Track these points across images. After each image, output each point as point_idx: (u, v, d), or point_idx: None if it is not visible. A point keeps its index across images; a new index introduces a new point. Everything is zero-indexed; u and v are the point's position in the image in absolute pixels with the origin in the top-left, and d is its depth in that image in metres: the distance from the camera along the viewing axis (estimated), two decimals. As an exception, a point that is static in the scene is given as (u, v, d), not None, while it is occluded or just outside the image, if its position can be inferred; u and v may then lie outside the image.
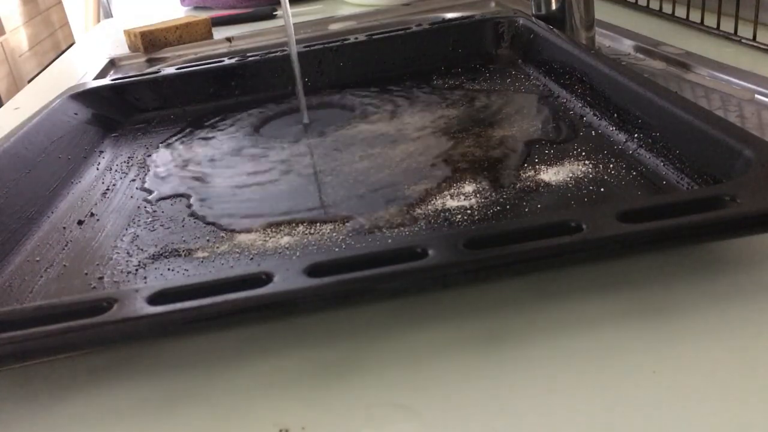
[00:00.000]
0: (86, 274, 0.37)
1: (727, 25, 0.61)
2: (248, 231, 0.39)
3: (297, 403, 0.26)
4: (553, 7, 0.62)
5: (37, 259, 0.39)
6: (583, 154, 0.42)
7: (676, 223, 0.27)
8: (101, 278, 0.36)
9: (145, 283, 0.35)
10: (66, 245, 0.40)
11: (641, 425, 0.23)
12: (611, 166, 0.40)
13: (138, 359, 0.30)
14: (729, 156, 0.34)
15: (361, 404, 0.26)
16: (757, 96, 0.50)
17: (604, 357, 0.26)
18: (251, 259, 0.36)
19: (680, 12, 0.68)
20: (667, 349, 0.26)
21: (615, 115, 0.45)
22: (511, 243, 0.27)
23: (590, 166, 0.41)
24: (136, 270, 0.37)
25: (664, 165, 0.39)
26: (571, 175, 0.40)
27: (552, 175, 0.40)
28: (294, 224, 0.39)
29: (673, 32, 0.66)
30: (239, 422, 0.26)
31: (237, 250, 0.37)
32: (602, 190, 0.38)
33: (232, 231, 0.39)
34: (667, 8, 0.70)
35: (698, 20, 0.64)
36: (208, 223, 0.41)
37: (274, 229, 0.39)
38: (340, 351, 0.29)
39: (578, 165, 0.41)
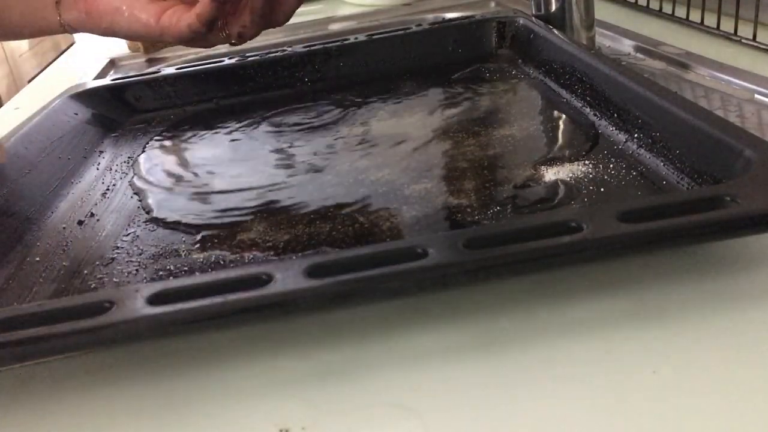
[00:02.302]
0: (86, 273, 0.37)
1: (727, 25, 0.61)
2: (248, 230, 0.39)
3: (297, 403, 0.26)
4: (553, 7, 0.62)
5: (37, 259, 0.39)
6: (583, 153, 0.42)
7: (677, 223, 0.27)
8: (101, 278, 0.36)
9: (146, 282, 0.35)
10: (66, 245, 0.40)
11: (641, 425, 0.23)
12: (611, 166, 0.40)
13: (138, 359, 0.30)
14: (729, 156, 0.33)
15: (361, 404, 0.26)
16: (756, 96, 0.50)
17: (604, 357, 0.26)
18: (251, 258, 0.36)
19: (680, 12, 0.68)
20: (667, 349, 0.26)
21: (615, 115, 0.45)
22: (511, 243, 0.27)
23: (590, 166, 0.41)
24: (137, 270, 0.37)
25: (664, 165, 0.39)
26: (571, 174, 0.40)
27: (552, 174, 0.40)
28: (294, 223, 0.39)
29: (673, 32, 0.66)
30: (239, 422, 0.26)
31: (237, 249, 0.37)
32: (602, 190, 0.38)
33: (233, 230, 0.39)
34: (667, 8, 0.70)
35: (698, 20, 0.64)
36: (207, 224, 0.41)
37: (274, 228, 0.39)
38: (340, 351, 0.29)
39: (578, 165, 0.41)
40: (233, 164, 0.49)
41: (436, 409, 0.25)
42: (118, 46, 0.91)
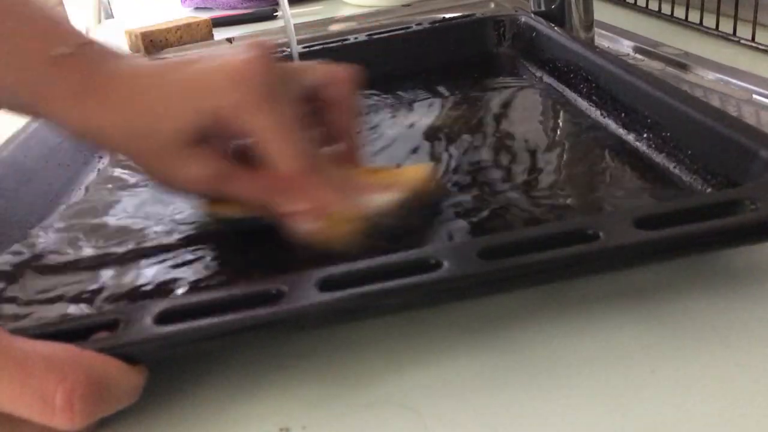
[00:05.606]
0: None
1: (726, 26, 0.60)
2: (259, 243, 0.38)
3: (298, 403, 0.26)
4: (553, 5, 0.61)
5: (39, 271, 0.38)
6: (590, 155, 0.42)
7: (696, 229, 0.27)
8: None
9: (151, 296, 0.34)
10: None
11: (640, 425, 0.23)
12: (619, 167, 0.39)
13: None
14: (744, 157, 0.33)
15: (361, 404, 0.26)
16: (755, 96, 0.49)
17: (603, 356, 0.26)
18: (260, 267, 0.35)
19: (679, 12, 0.67)
20: (666, 348, 0.26)
21: (623, 114, 0.44)
22: (526, 252, 0.27)
23: (597, 167, 0.40)
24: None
25: (675, 167, 0.38)
26: (578, 177, 0.39)
27: (558, 176, 0.39)
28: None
29: (672, 33, 0.66)
30: (240, 421, 0.26)
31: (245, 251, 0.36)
32: (610, 193, 0.37)
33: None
34: (666, 9, 0.69)
35: (697, 21, 0.64)
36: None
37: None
38: (341, 350, 0.29)
39: (585, 167, 0.40)
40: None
41: (436, 409, 0.25)
42: (119, 47, 0.90)
